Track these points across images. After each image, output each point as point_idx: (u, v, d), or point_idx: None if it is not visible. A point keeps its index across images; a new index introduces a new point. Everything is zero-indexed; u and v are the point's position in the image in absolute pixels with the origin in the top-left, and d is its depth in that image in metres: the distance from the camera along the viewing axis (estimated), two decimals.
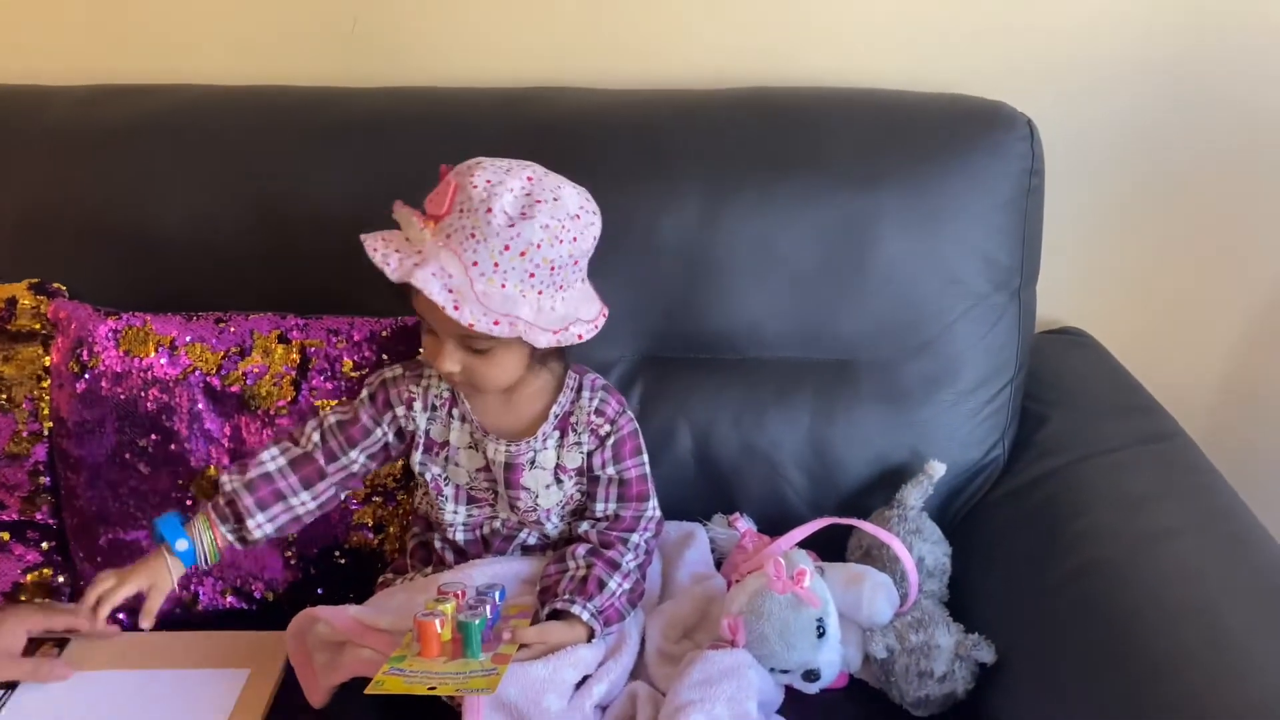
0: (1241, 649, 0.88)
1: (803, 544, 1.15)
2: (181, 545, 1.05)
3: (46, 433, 1.20)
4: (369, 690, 0.91)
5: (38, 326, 1.22)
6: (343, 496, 1.15)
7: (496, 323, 0.93)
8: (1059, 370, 1.34)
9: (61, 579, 1.21)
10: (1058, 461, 1.20)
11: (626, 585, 1.06)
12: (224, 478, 1.09)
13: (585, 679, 1.01)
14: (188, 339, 1.17)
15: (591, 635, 1.03)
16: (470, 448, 1.10)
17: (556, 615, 1.03)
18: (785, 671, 1.04)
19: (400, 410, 1.10)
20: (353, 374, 1.17)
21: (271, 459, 1.09)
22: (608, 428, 1.09)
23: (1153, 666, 0.89)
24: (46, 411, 1.20)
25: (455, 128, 1.27)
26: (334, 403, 1.17)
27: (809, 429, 1.22)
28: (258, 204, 1.26)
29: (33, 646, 1.11)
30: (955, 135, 1.23)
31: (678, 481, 1.24)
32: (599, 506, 1.11)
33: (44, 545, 1.21)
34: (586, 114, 1.28)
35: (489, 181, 0.95)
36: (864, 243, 1.21)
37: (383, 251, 0.95)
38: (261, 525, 1.08)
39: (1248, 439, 1.49)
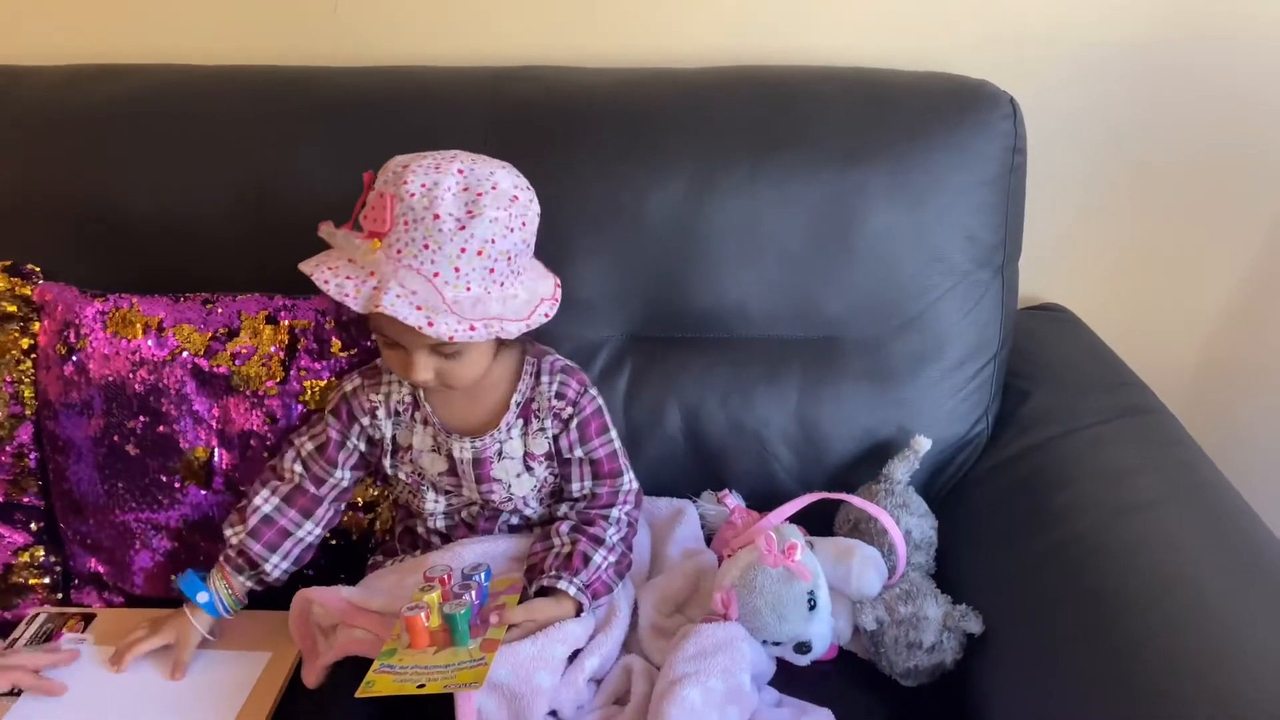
0: (1222, 619, 0.90)
1: (791, 519, 1.17)
2: (202, 598, 1.10)
3: (30, 415, 1.20)
4: (360, 693, 0.91)
5: (14, 309, 1.21)
6: (343, 508, 1.17)
7: (473, 328, 0.93)
8: (1041, 346, 1.36)
9: (53, 559, 1.21)
10: (1041, 436, 1.22)
11: (612, 559, 1.07)
12: (228, 532, 1.12)
13: (576, 653, 1.02)
14: (175, 321, 1.16)
15: (579, 610, 1.04)
16: (433, 450, 1.10)
17: (544, 592, 1.04)
18: (777, 644, 1.06)
19: (365, 420, 1.11)
20: (340, 354, 1.17)
21: (265, 501, 1.11)
22: (570, 410, 1.10)
23: (1136, 636, 0.91)
24: (29, 394, 1.19)
25: (440, 107, 1.27)
26: (322, 383, 1.16)
27: (796, 406, 1.23)
28: (240, 185, 1.25)
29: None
30: (940, 113, 1.24)
31: (667, 459, 1.25)
32: (574, 487, 1.12)
33: (32, 526, 1.21)
34: (573, 92, 1.27)
35: (424, 185, 0.94)
36: (850, 220, 1.22)
37: (335, 282, 0.94)
38: (278, 565, 1.11)
39: (1227, 413, 1.52)
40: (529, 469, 1.10)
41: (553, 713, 0.99)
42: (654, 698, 0.96)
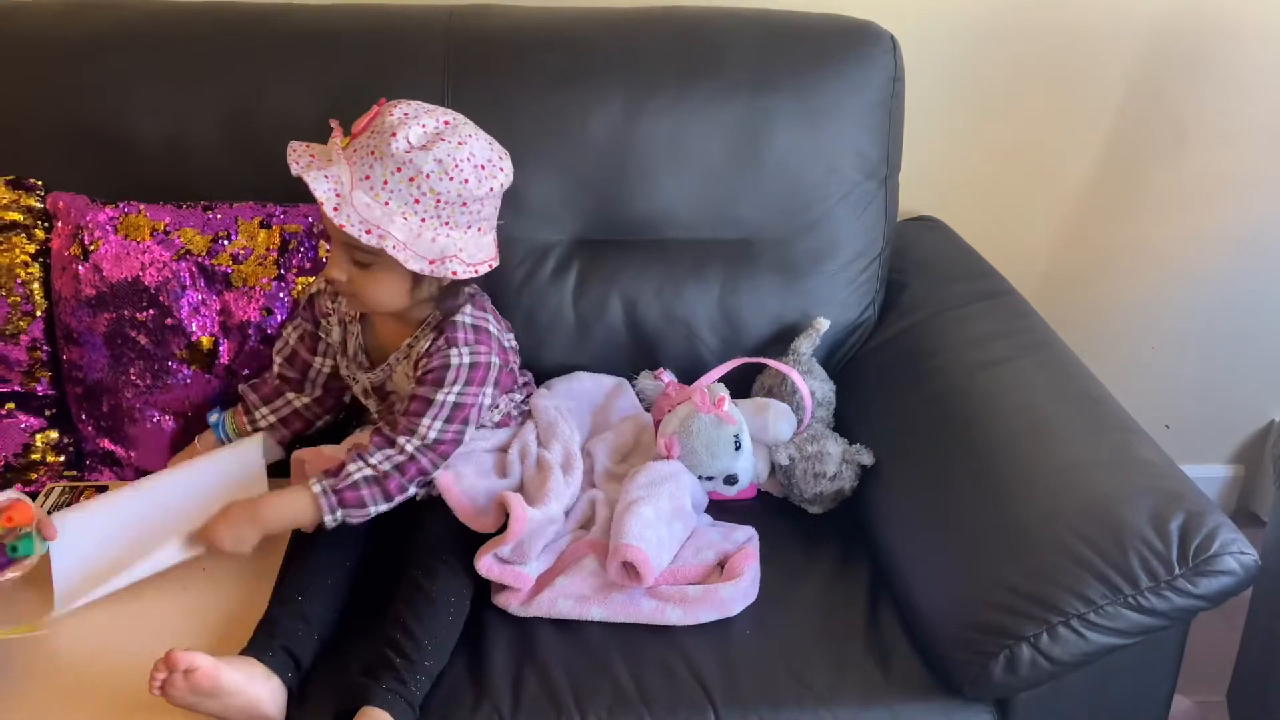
0: (1056, 432, 1.18)
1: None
2: (213, 417, 1.30)
3: (40, 313, 1.33)
4: None
5: (19, 218, 1.34)
6: (331, 402, 1.33)
7: (369, 231, 1.03)
8: (917, 248, 1.61)
9: (67, 440, 1.36)
10: (917, 317, 1.48)
11: (367, 473, 1.12)
12: (241, 387, 1.31)
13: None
14: (178, 225, 1.31)
15: (319, 511, 1.11)
16: (357, 366, 1.27)
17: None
18: (710, 479, 1.29)
19: (323, 320, 1.28)
20: (327, 256, 1.34)
21: (271, 376, 1.31)
22: (425, 362, 1.16)
23: (991, 448, 1.18)
24: (39, 294, 1.33)
25: (400, 39, 1.43)
26: (312, 280, 1.33)
27: (719, 297, 1.45)
28: (225, 108, 1.39)
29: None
30: (833, 49, 1.46)
31: (611, 345, 1.46)
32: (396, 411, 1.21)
33: (47, 413, 1.35)
34: (521, 27, 1.46)
35: (406, 114, 1.06)
36: (760, 138, 1.44)
37: (297, 154, 1.09)
38: (266, 416, 1.30)
39: (1067, 300, 1.81)
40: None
41: None
42: (615, 516, 1.18)
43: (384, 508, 1.14)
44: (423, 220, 1.06)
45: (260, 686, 0.99)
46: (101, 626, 1.12)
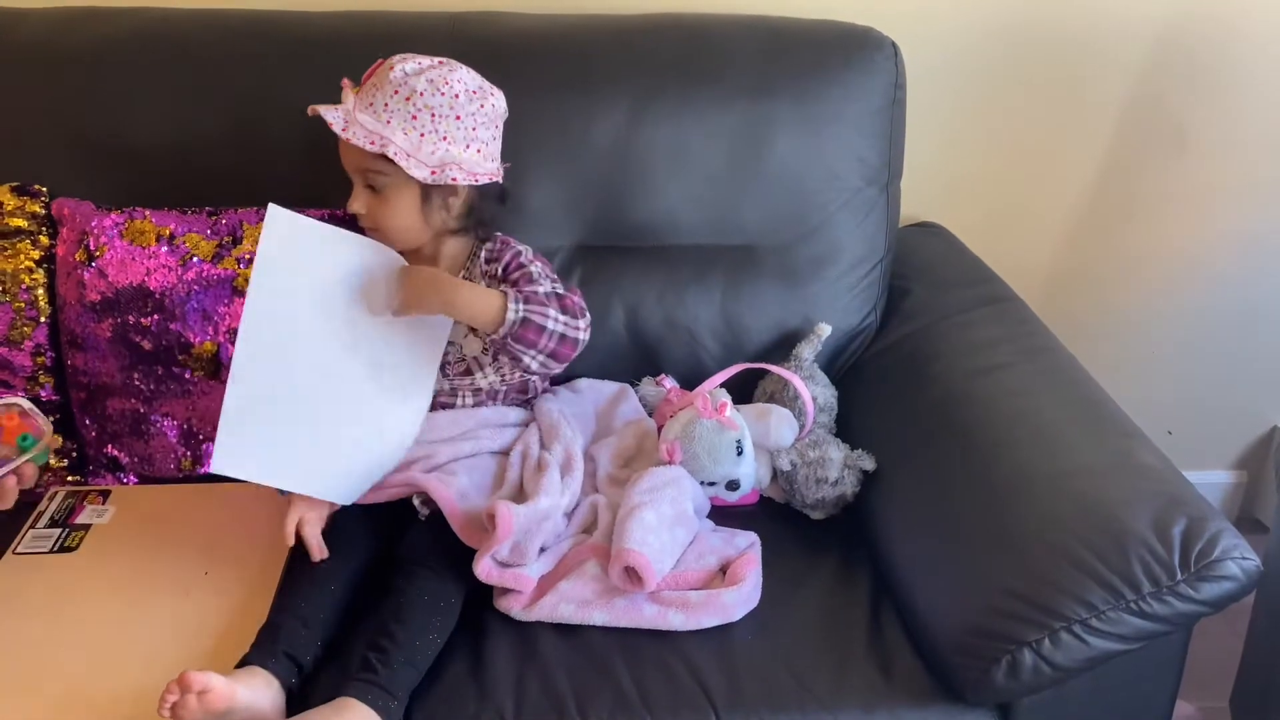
0: (1058, 437, 1.18)
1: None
2: None
3: (44, 319, 1.34)
4: None
5: (23, 224, 1.35)
6: None
7: (373, 142, 1.16)
8: (919, 254, 1.62)
9: (70, 445, 1.37)
10: (919, 323, 1.48)
11: (546, 287, 1.22)
12: None
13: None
14: (184, 230, 1.32)
15: (504, 298, 1.17)
16: None
17: None
18: (712, 484, 1.29)
19: None
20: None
21: None
22: (496, 267, 1.27)
23: (993, 453, 1.18)
24: (44, 300, 1.34)
25: (403, 46, 1.42)
26: None
27: (720, 303, 1.46)
28: (229, 114, 1.40)
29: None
30: (834, 55, 1.47)
31: (612, 350, 1.46)
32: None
33: (50, 418, 1.35)
34: (524, 34, 1.46)
35: (404, 56, 1.21)
36: (761, 145, 1.44)
37: (314, 107, 1.20)
38: None
39: (1069, 306, 1.82)
40: (473, 330, 1.27)
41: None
42: (617, 521, 1.18)
43: (561, 320, 1.19)
44: (422, 135, 1.18)
45: (264, 699, 1.01)
46: (101, 630, 1.12)
